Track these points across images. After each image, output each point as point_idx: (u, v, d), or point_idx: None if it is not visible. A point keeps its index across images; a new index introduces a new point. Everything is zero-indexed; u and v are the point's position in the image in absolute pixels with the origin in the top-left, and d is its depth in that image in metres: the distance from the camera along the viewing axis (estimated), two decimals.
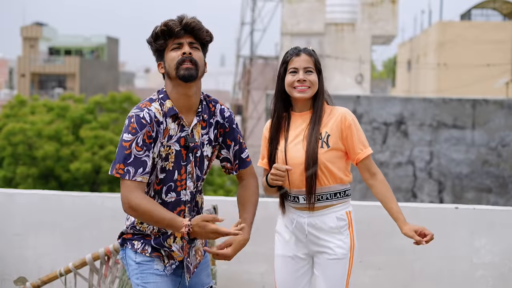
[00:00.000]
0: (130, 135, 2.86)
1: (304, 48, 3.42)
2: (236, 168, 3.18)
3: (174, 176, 2.97)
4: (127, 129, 2.87)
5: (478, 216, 4.62)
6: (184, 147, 2.97)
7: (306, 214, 3.36)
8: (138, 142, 2.86)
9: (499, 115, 11.90)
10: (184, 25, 2.94)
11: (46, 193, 4.96)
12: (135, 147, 2.85)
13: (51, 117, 28.38)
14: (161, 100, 2.97)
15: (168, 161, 2.95)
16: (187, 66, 2.92)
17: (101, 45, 53.60)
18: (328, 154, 3.32)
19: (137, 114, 2.90)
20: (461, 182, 12.04)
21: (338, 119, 3.36)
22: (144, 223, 3.00)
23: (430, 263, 4.62)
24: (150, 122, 2.88)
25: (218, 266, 4.55)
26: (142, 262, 3.02)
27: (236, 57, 32.82)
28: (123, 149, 2.86)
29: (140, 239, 3.03)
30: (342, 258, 3.33)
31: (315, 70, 3.37)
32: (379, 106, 12.14)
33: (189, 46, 2.95)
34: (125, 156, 2.85)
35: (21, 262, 4.78)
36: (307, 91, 3.34)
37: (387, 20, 26.50)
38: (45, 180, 27.13)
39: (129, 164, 2.85)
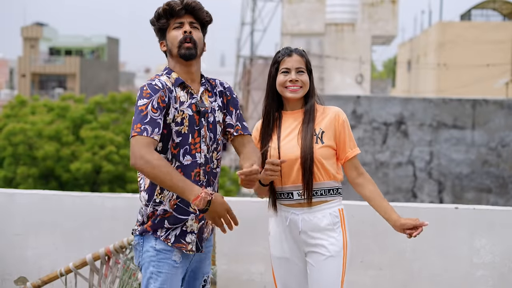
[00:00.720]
0: (145, 99, 3.00)
1: (295, 48, 3.46)
2: (236, 129, 3.26)
3: (189, 139, 3.08)
4: (141, 95, 3.01)
5: (478, 216, 4.63)
6: (196, 112, 3.10)
7: (300, 210, 3.37)
8: (153, 105, 2.99)
9: (499, 115, 11.91)
10: (185, 4, 3.11)
11: (46, 193, 4.97)
12: (151, 109, 2.98)
13: (52, 117, 28.38)
14: (167, 74, 3.13)
15: (183, 125, 3.07)
16: (187, 45, 3.09)
17: (102, 45, 53.62)
18: (322, 150, 3.36)
19: (149, 83, 3.06)
20: (461, 182, 12.05)
21: (332, 117, 3.41)
22: (164, 191, 3.05)
23: (431, 263, 4.62)
24: (163, 88, 3.03)
25: (218, 266, 4.56)
26: (162, 250, 3.07)
27: (236, 57, 32.84)
28: (140, 112, 2.99)
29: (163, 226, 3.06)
30: (335, 255, 3.33)
31: (306, 71, 3.42)
32: (379, 106, 12.15)
33: (189, 25, 3.12)
34: (142, 117, 2.97)
35: (21, 262, 4.79)
36: (299, 91, 3.39)
37: (387, 20, 26.51)
38: (45, 180, 27.13)
39: (146, 123, 2.96)
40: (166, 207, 3.06)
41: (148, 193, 3.08)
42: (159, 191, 3.06)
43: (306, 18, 26.56)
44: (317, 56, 26.35)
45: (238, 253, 4.70)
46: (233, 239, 4.63)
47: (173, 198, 3.06)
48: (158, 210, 3.06)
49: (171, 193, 3.05)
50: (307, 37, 26.50)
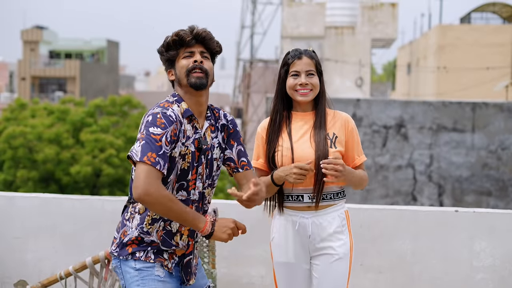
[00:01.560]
0: (160, 129, 2.88)
1: (305, 50, 3.43)
2: (242, 165, 3.20)
3: (188, 176, 3.02)
4: (155, 123, 2.89)
5: (478, 219, 4.63)
6: (198, 149, 3.03)
7: (309, 214, 3.35)
8: (167, 137, 2.89)
9: (498, 118, 11.91)
10: (195, 34, 3.03)
11: (46, 196, 4.96)
12: (165, 142, 2.88)
13: (52, 120, 28.39)
14: (177, 102, 3.03)
15: (185, 160, 3.00)
16: (198, 74, 3.00)
17: (101, 49, 53.63)
18: (336, 155, 3.34)
19: (163, 112, 2.93)
20: (461, 185, 12.05)
21: (342, 123, 3.40)
22: (154, 224, 2.99)
23: (430, 267, 4.62)
24: (176, 121, 2.94)
25: (218, 269, 4.55)
26: (142, 268, 3.00)
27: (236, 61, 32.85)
28: (154, 141, 2.86)
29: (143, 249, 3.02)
30: (343, 257, 3.34)
31: (316, 73, 3.39)
32: (379, 109, 12.15)
33: (200, 55, 3.04)
34: (158, 147, 2.85)
35: (21, 266, 4.78)
36: (309, 94, 3.36)
37: (387, 23, 26.53)
38: (45, 183, 27.13)
39: (160, 156, 2.86)
40: (153, 238, 3.01)
41: (140, 219, 3.01)
42: (149, 222, 3.00)
43: (306, 21, 26.57)
44: None
45: (238, 256, 4.70)
46: (233, 242, 4.63)
47: (160, 230, 3.01)
48: (145, 239, 3.01)
49: (159, 224, 3.00)
50: (307, 40, 26.51)
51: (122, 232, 3.05)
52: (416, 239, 4.63)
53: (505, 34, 26.71)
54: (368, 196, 12.14)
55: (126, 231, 3.04)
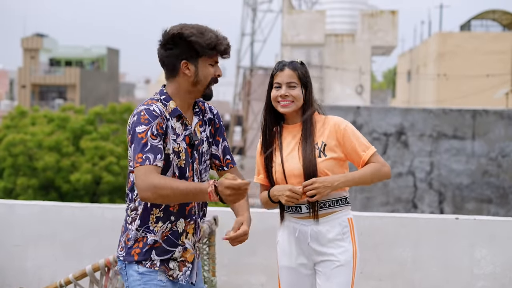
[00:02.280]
0: (144, 126, 2.89)
1: (290, 61, 3.43)
2: (226, 163, 3.23)
3: (186, 173, 3.03)
4: (139, 121, 2.90)
5: (479, 227, 4.62)
6: (189, 145, 3.04)
7: (309, 222, 3.37)
8: (152, 131, 2.89)
9: (499, 125, 11.91)
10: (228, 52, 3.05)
11: (46, 204, 4.96)
12: (150, 136, 2.88)
13: (52, 128, 28.40)
14: (164, 101, 3.01)
15: (180, 158, 3.01)
16: (211, 87, 3.05)
17: (102, 56, 53.69)
18: (327, 163, 3.33)
19: (146, 108, 2.94)
20: (462, 192, 12.03)
21: (332, 129, 3.38)
22: (159, 222, 3.01)
23: (431, 274, 4.61)
24: (160, 115, 2.94)
25: (218, 277, 4.54)
26: (145, 272, 3.02)
27: (236, 68, 32.89)
28: (139, 140, 2.88)
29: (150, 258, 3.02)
30: (345, 264, 3.33)
31: (299, 84, 3.38)
32: (379, 116, 12.16)
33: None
34: (142, 145, 2.87)
35: (21, 273, 4.78)
36: (290, 105, 3.37)
37: (387, 31, 26.56)
38: (45, 191, 27.12)
39: (147, 152, 2.87)
40: (157, 238, 3.02)
41: (140, 219, 3.02)
42: (154, 220, 3.01)
43: (306, 28, 26.61)
44: (317, 67, 26.40)
45: (238, 264, 4.69)
46: (233, 250, 4.62)
47: (165, 230, 3.03)
48: (149, 239, 3.01)
49: (165, 225, 3.02)
50: (307, 48, 26.54)
51: (125, 235, 3.08)
52: (417, 246, 4.62)
53: (505, 42, 26.74)
54: (369, 204, 12.12)
55: (128, 234, 3.06)
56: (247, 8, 32.70)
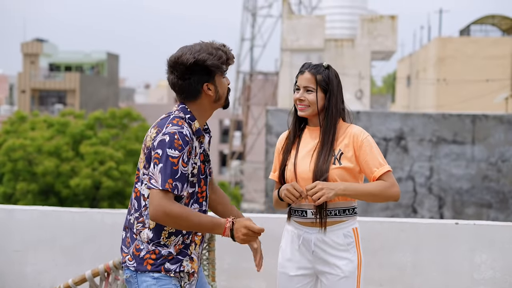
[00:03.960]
0: (177, 152, 2.93)
1: (314, 65, 3.43)
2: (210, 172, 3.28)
3: (196, 188, 3.09)
4: (172, 145, 2.93)
5: (479, 232, 4.62)
6: (203, 161, 3.11)
7: (313, 230, 3.33)
8: (183, 159, 2.95)
9: (498, 130, 11.91)
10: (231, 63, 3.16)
11: (45, 209, 4.95)
12: (181, 164, 2.94)
13: (51, 133, 28.41)
14: (189, 120, 3.05)
15: (194, 176, 3.07)
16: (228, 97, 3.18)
17: (101, 61, 53.72)
18: (339, 171, 3.28)
19: (180, 131, 2.96)
20: (461, 197, 12.03)
21: (351, 139, 3.34)
22: (171, 237, 3.04)
23: (431, 279, 4.60)
24: (191, 140, 3.00)
25: (218, 282, 4.54)
26: (160, 277, 3.05)
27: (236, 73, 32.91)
28: (172, 164, 2.92)
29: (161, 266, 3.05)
30: (350, 276, 3.28)
31: (316, 90, 3.36)
32: (379, 121, 12.16)
33: None
34: (174, 171, 2.92)
35: (20, 279, 4.77)
36: (305, 109, 3.37)
37: (387, 35, 26.58)
38: (45, 196, 27.11)
39: (177, 180, 2.93)
40: (171, 250, 3.05)
41: (153, 233, 3.04)
42: (166, 235, 3.04)
43: (306, 33, 26.63)
44: None
45: (238, 269, 4.69)
46: (233, 255, 4.62)
47: (178, 243, 3.07)
48: (162, 251, 3.04)
49: (178, 238, 3.06)
50: (307, 53, 26.56)
51: (134, 246, 3.07)
52: (417, 251, 4.62)
53: (505, 46, 26.76)
54: (368, 209, 12.12)
55: (138, 245, 3.07)
56: (247, 13, 32.74)
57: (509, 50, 26.50)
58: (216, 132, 47.31)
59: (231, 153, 35.23)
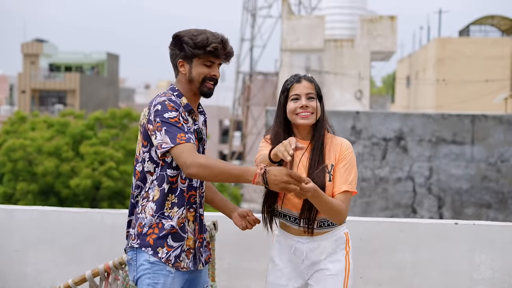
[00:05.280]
0: (174, 112, 3.06)
1: (304, 75, 3.37)
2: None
3: None
4: (166, 109, 3.05)
5: (478, 232, 4.63)
6: (198, 139, 3.20)
7: (305, 239, 3.31)
8: (183, 116, 3.10)
9: (498, 130, 11.93)
10: (227, 53, 3.21)
11: (45, 209, 4.96)
12: (183, 122, 3.07)
13: (51, 133, 28.42)
14: (178, 97, 3.19)
15: None
16: (210, 86, 3.20)
17: (101, 61, 53.72)
18: (330, 186, 3.26)
19: (168, 98, 3.11)
20: (461, 197, 12.04)
21: (337, 149, 3.31)
22: (174, 207, 3.12)
23: (430, 279, 4.61)
24: (180, 106, 3.13)
25: (217, 282, 4.55)
26: (155, 262, 3.13)
27: (236, 73, 32.93)
28: (175, 123, 3.04)
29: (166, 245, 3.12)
30: (336, 274, 3.29)
31: (316, 97, 3.33)
32: (378, 122, 12.17)
33: (217, 67, 3.23)
34: (179, 127, 3.03)
35: (20, 279, 4.78)
36: (310, 117, 3.29)
37: (386, 36, 26.60)
38: (45, 196, 27.11)
39: (187, 133, 3.04)
40: (173, 223, 3.13)
41: (156, 205, 3.13)
42: (169, 206, 3.13)
43: (306, 34, 26.65)
44: (316, 72, 26.42)
45: (238, 269, 4.69)
46: (233, 255, 4.63)
47: (182, 217, 3.14)
48: (165, 225, 3.12)
49: (181, 210, 3.14)
50: (307, 53, 26.58)
51: (138, 224, 3.17)
52: (416, 251, 4.63)
53: (504, 47, 26.78)
54: (368, 209, 12.13)
55: (141, 222, 3.16)
56: (247, 13, 32.76)
57: (509, 51, 26.52)
58: (216, 132, 47.32)
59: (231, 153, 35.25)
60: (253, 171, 2.93)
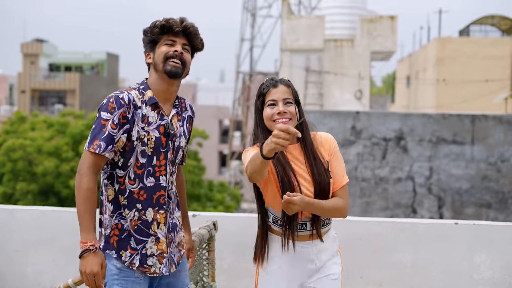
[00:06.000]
0: (109, 114, 3.00)
1: (280, 79, 3.23)
2: (183, 159, 3.37)
3: (153, 161, 3.10)
4: (106, 107, 3.01)
5: (478, 232, 4.63)
6: (164, 134, 3.11)
7: (309, 243, 3.21)
8: (114, 120, 3.00)
9: (498, 130, 11.93)
10: (184, 27, 3.12)
11: (45, 209, 4.96)
12: (111, 125, 2.99)
13: (51, 133, 28.41)
14: (142, 90, 3.12)
15: (147, 146, 3.08)
16: (174, 63, 3.09)
17: (101, 61, 53.73)
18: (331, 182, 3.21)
19: (116, 95, 3.04)
20: (461, 197, 12.04)
21: (326, 146, 3.24)
22: (126, 210, 3.08)
23: (430, 279, 4.61)
24: (128, 104, 3.03)
25: (217, 282, 4.54)
26: (122, 268, 3.08)
27: (236, 73, 32.95)
28: (101, 126, 3.01)
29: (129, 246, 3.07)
30: (338, 278, 3.25)
31: (293, 101, 3.18)
32: (378, 121, 12.17)
33: (181, 47, 3.12)
34: (101, 132, 3.00)
35: (20, 279, 4.78)
36: (288, 123, 3.12)
37: (386, 36, 26.60)
38: (45, 196, 27.11)
39: (102, 140, 3.00)
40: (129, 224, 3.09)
41: (112, 205, 3.10)
42: (122, 207, 3.09)
43: (305, 34, 26.65)
44: (316, 72, 26.43)
45: (238, 269, 4.69)
46: (233, 255, 4.62)
47: (134, 219, 3.08)
48: (125, 225, 3.09)
49: (132, 213, 3.08)
50: (306, 53, 26.58)
51: (104, 226, 3.14)
52: (416, 251, 4.63)
53: (504, 47, 26.79)
54: (368, 209, 12.13)
55: (105, 224, 3.13)
56: (247, 13, 32.76)
57: (509, 51, 26.52)
58: (216, 132, 47.32)
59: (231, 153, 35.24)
60: (87, 238, 2.94)
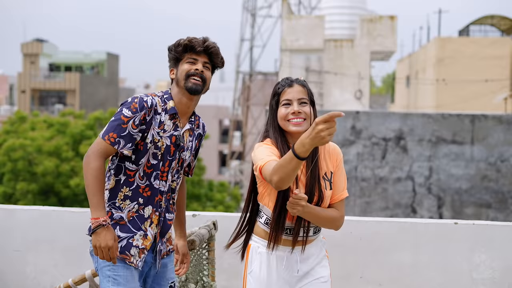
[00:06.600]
0: (131, 113, 3.16)
1: (296, 78, 3.19)
2: (190, 172, 3.57)
3: (160, 166, 3.27)
4: (129, 106, 3.17)
5: (478, 232, 4.63)
6: (174, 144, 3.29)
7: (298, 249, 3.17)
8: (135, 121, 3.16)
9: (497, 130, 11.93)
10: (206, 46, 3.30)
11: (46, 209, 4.96)
12: (131, 125, 3.15)
13: (51, 133, 28.41)
14: (165, 99, 3.30)
15: (159, 150, 3.25)
16: (195, 81, 3.26)
17: (101, 61, 53.71)
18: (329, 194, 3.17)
19: (141, 97, 3.21)
20: (461, 197, 12.05)
21: (333, 157, 3.21)
22: (127, 200, 3.23)
23: (430, 279, 4.62)
24: (150, 108, 3.20)
25: (217, 282, 4.55)
26: None
27: (236, 73, 32.95)
28: (121, 122, 3.15)
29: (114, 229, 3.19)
30: (327, 280, 3.24)
31: (308, 102, 3.15)
32: (378, 121, 12.17)
33: (202, 65, 3.29)
34: (121, 129, 3.14)
35: (21, 278, 4.78)
36: (302, 124, 3.10)
37: (386, 36, 26.60)
38: (45, 196, 27.11)
39: (122, 137, 3.14)
40: (123, 215, 3.22)
41: (109, 193, 3.25)
42: (122, 197, 3.23)
43: (305, 34, 26.64)
44: (316, 72, 26.43)
45: (237, 269, 4.69)
46: (232, 255, 4.63)
47: (132, 211, 3.23)
48: (114, 215, 3.22)
49: (133, 205, 3.23)
50: (306, 53, 26.57)
51: None
52: (416, 251, 4.63)
53: (504, 47, 26.78)
54: (368, 209, 12.13)
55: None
56: (247, 13, 32.76)
57: (508, 50, 26.52)
58: (216, 132, 47.32)
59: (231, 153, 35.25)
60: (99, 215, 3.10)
